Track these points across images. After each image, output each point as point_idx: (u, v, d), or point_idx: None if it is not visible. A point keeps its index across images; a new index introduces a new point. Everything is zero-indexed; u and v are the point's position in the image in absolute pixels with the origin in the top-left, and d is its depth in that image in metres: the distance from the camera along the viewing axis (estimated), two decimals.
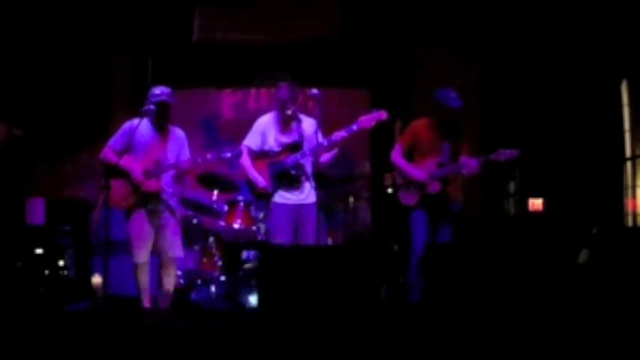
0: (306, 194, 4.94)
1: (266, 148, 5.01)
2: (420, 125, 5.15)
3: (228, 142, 7.17)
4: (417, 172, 5.05)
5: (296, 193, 4.92)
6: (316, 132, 4.84)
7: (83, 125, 7.09)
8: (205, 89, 7.37)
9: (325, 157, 4.98)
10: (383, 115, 4.83)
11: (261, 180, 4.97)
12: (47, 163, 7.00)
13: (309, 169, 4.99)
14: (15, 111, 6.53)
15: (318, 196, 4.96)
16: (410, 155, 5.19)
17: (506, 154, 4.93)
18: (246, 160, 5.03)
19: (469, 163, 4.93)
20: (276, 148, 4.98)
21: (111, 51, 7.20)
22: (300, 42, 7.08)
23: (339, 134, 4.81)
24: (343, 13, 7.07)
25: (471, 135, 6.73)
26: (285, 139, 4.97)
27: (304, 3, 7.18)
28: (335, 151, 4.96)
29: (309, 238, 4.82)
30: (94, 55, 7.19)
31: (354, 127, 4.79)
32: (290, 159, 4.92)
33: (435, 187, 4.99)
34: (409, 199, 5.10)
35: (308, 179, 4.95)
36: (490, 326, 4.25)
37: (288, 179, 4.92)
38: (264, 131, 5.05)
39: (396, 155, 5.18)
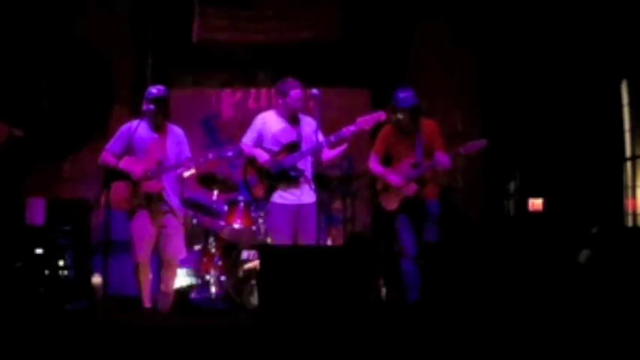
0: (305, 194, 4.92)
1: (264, 146, 4.99)
2: (385, 131, 5.19)
3: (229, 142, 7.17)
4: (393, 177, 5.06)
5: (295, 192, 4.90)
6: (315, 131, 4.83)
7: (83, 125, 7.09)
8: (205, 89, 7.37)
9: (327, 156, 4.96)
10: (382, 116, 4.83)
11: (263, 155, 4.94)
12: (47, 163, 7.00)
13: (308, 169, 4.97)
14: (15, 111, 6.53)
15: (317, 196, 4.95)
16: (388, 160, 5.21)
17: (474, 145, 4.94)
18: (247, 146, 5.02)
19: (441, 160, 4.93)
20: (275, 148, 4.97)
21: (111, 51, 7.20)
22: (300, 42, 7.08)
23: (338, 135, 4.80)
24: (343, 13, 7.06)
25: (472, 135, 6.76)
26: (284, 139, 4.95)
27: (304, 3, 7.18)
28: (338, 150, 4.94)
29: (309, 238, 4.81)
30: (94, 55, 7.19)
31: (353, 128, 4.78)
32: (288, 159, 4.90)
33: (411, 189, 4.99)
34: (390, 204, 5.12)
35: (307, 180, 4.94)
36: (489, 326, 4.25)
37: (287, 180, 4.90)
38: (261, 130, 5.02)
39: (372, 163, 5.22)
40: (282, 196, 4.92)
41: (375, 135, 5.32)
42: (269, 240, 5.34)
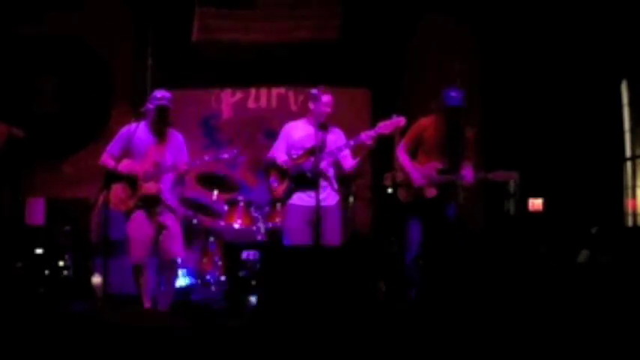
0: (325, 196, 4.88)
1: (291, 153, 5.00)
2: (425, 123, 5.13)
3: (228, 142, 7.20)
4: (416, 174, 5.04)
5: (314, 194, 4.78)
6: (340, 140, 4.90)
7: (83, 125, 7.10)
8: (205, 89, 7.37)
9: (349, 164, 4.96)
10: (401, 121, 4.72)
11: (281, 156, 4.97)
12: (47, 163, 7.00)
13: (330, 172, 4.97)
14: (15, 111, 6.53)
15: (339, 198, 4.97)
16: (415, 152, 5.19)
17: (502, 175, 4.95)
18: (270, 155, 5.08)
19: (467, 177, 4.93)
20: (298, 152, 4.98)
21: (111, 51, 7.21)
22: (300, 42, 7.08)
23: (357, 138, 4.77)
24: (343, 13, 7.06)
25: (473, 136, 6.76)
26: (307, 144, 4.95)
27: (304, 3, 7.18)
28: (359, 158, 4.93)
29: (330, 239, 4.80)
30: (94, 55, 7.20)
31: (373, 133, 4.72)
32: (308, 163, 4.90)
33: (431, 193, 5.00)
34: (406, 197, 5.13)
35: (329, 182, 4.92)
36: (489, 326, 4.25)
37: (305, 182, 4.90)
38: (287, 138, 5.04)
39: (401, 151, 5.18)
40: (300, 198, 4.92)
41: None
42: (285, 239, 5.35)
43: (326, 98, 4.92)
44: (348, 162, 4.98)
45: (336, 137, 4.98)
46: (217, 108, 7.35)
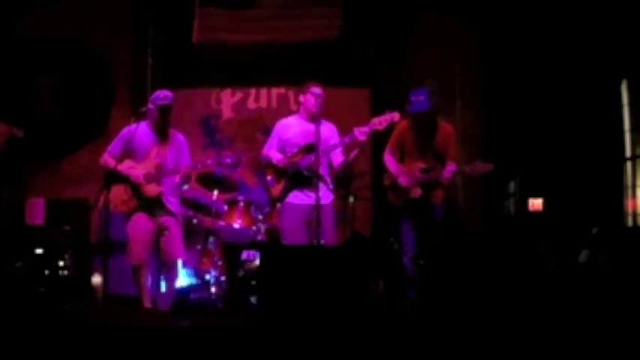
0: (323, 195, 4.84)
1: (286, 150, 5.01)
2: (402, 127, 5.14)
3: (228, 142, 7.19)
4: (402, 177, 5.08)
5: (311, 193, 4.81)
6: (334, 136, 4.91)
7: (83, 125, 7.10)
8: (205, 89, 7.36)
9: (338, 160, 4.96)
10: (396, 116, 4.71)
11: (277, 155, 4.99)
12: (47, 163, 7.00)
13: (325, 170, 4.97)
14: (15, 111, 6.53)
15: (334, 197, 4.98)
16: (402, 154, 5.22)
17: (480, 167, 4.93)
18: (265, 153, 5.10)
19: (445, 174, 4.93)
20: (293, 150, 4.98)
21: (111, 51, 7.21)
22: (300, 42, 7.08)
23: (351, 136, 4.78)
24: (343, 13, 7.06)
25: (473, 136, 6.77)
26: (302, 141, 4.95)
27: (304, 3, 7.18)
28: (351, 155, 4.93)
29: (325, 238, 4.80)
30: (94, 56, 7.20)
31: (367, 129, 4.71)
32: (304, 160, 4.89)
33: (416, 193, 5.02)
34: (396, 200, 5.16)
35: (324, 180, 4.92)
36: (489, 326, 4.25)
37: (302, 180, 4.90)
38: (280, 136, 5.05)
39: (387, 156, 5.24)
40: (296, 196, 4.93)
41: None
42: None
43: (316, 89, 4.92)
44: (337, 160, 4.97)
45: (328, 132, 4.97)
46: (217, 108, 7.34)
